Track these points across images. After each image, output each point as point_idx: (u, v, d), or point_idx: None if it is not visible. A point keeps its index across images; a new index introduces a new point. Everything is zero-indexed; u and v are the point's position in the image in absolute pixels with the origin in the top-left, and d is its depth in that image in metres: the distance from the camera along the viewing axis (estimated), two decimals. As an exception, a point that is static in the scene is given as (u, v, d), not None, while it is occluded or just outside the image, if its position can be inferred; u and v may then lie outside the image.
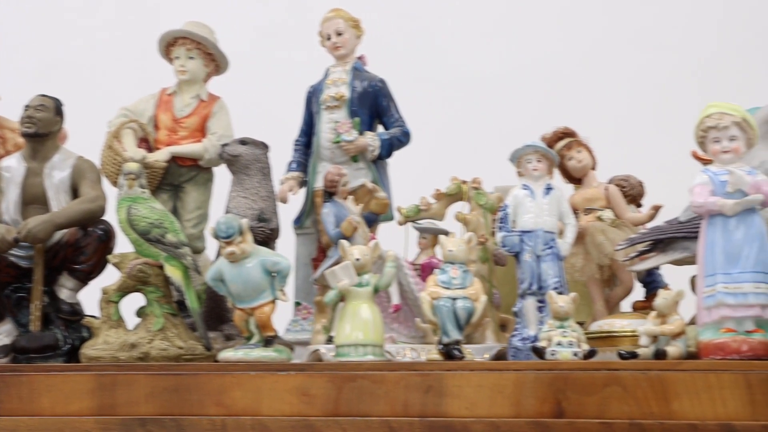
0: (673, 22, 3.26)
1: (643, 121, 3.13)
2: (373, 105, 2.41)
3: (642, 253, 2.03)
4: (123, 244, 2.22)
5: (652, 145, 2.95)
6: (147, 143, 2.43)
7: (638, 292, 2.27)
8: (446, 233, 2.11)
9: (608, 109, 3.16)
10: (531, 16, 3.39)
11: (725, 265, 1.73)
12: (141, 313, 2.17)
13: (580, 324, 2.01)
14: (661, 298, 1.83)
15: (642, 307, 2.18)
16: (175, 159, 2.41)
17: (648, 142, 3.00)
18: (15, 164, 2.31)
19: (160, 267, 2.15)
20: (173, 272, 2.15)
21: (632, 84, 3.24)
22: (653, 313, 1.84)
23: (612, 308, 2.21)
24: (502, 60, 3.36)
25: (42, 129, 2.29)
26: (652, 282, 2.26)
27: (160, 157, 2.39)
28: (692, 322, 1.88)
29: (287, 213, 2.40)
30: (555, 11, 3.39)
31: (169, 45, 2.48)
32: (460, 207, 2.28)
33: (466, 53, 3.40)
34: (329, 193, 2.22)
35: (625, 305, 2.26)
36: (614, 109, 3.18)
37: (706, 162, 1.88)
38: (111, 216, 2.22)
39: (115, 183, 2.31)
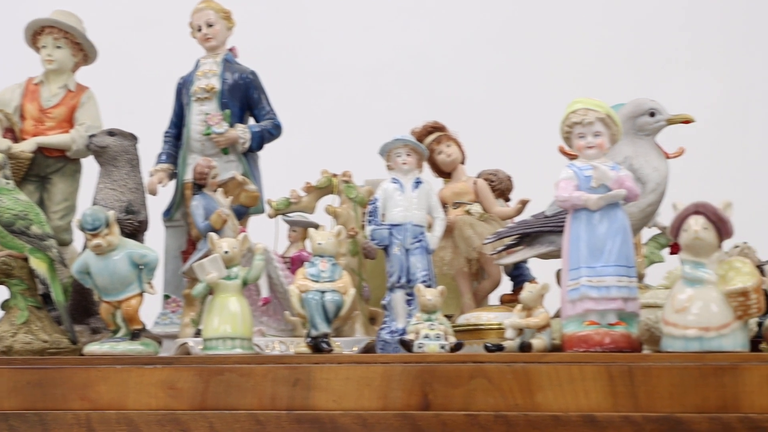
0: (541, 17, 3.30)
1: (512, 116, 3.17)
2: (244, 97, 2.40)
3: (509, 246, 2.05)
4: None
5: (521, 139, 2.99)
6: (12, 133, 2.38)
7: (506, 286, 2.29)
8: (316, 226, 2.11)
9: (478, 104, 3.19)
10: (403, 10, 3.40)
11: (589, 258, 1.76)
12: (5, 306, 2.13)
13: (449, 317, 2.03)
14: (527, 291, 1.86)
15: (509, 300, 2.21)
16: (41, 150, 2.37)
17: (517, 137, 3.03)
18: None
19: (25, 259, 2.11)
20: (38, 265, 2.11)
21: (501, 79, 3.27)
22: (519, 306, 1.87)
23: (480, 301, 2.23)
24: (374, 54, 3.36)
25: None
26: (519, 275, 2.29)
27: (25, 147, 2.35)
28: (558, 315, 1.91)
29: (156, 205, 2.38)
30: (428, 5, 3.40)
31: (36, 34, 2.43)
32: (331, 200, 2.29)
33: (337, 46, 3.40)
34: (199, 186, 2.20)
35: (493, 298, 2.29)
36: (484, 103, 3.21)
37: (572, 157, 1.91)
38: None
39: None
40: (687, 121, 1.99)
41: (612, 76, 3.09)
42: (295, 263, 2.22)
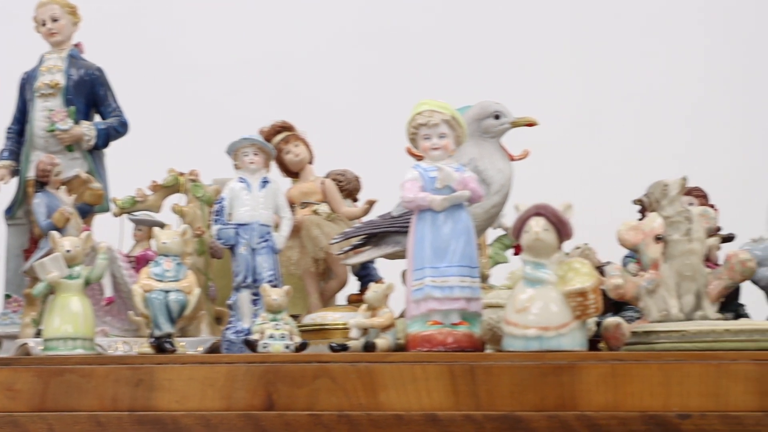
0: (397, 19, 3.32)
1: (361, 117, 3.18)
2: (90, 94, 2.36)
3: (356, 246, 2.06)
4: None
5: (369, 140, 3.00)
6: None
7: (353, 285, 2.30)
8: (162, 225, 2.08)
9: (328, 104, 3.20)
10: (261, 7, 3.39)
11: (433, 259, 1.77)
12: None
13: (295, 317, 2.03)
14: (372, 291, 1.87)
15: (356, 300, 2.22)
16: None
17: (365, 137, 3.05)
18: None
19: None
20: None
21: (354, 80, 3.28)
22: (364, 306, 1.87)
23: (327, 301, 2.24)
24: (228, 51, 3.34)
25: None
26: (366, 275, 2.30)
27: None
28: (403, 315, 1.92)
29: (-3, 203, 2.33)
30: (283, 5, 3.39)
31: None
32: (178, 199, 2.26)
33: (191, 42, 3.37)
34: (41, 183, 2.16)
35: (341, 298, 2.29)
36: (335, 103, 3.21)
37: (418, 158, 1.92)
38: None
39: None
40: (531, 124, 2.03)
41: (464, 79, 3.12)
42: (140, 262, 2.20)
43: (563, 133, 3.07)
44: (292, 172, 2.30)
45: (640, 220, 1.88)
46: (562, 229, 1.72)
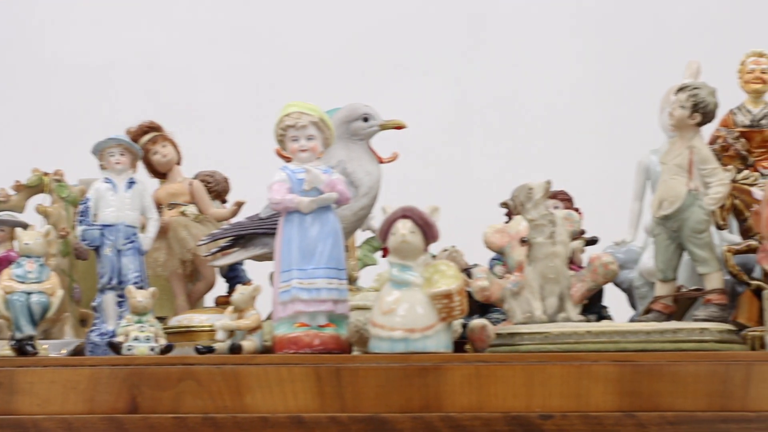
0: (269, 20, 3.31)
1: (230, 117, 3.17)
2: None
3: (224, 248, 2.05)
4: None
5: (238, 141, 2.99)
6: None
7: (221, 287, 2.29)
8: (25, 226, 2.04)
9: (197, 105, 3.18)
10: (129, 7, 3.35)
11: (300, 261, 1.77)
12: None
13: (162, 319, 2.01)
14: (239, 293, 1.86)
15: (224, 302, 2.20)
16: None
17: (233, 138, 3.04)
18: None
19: None
20: None
21: (223, 81, 3.27)
22: (230, 308, 1.86)
23: (194, 303, 2.22)
24: (93, 51, 3.30)
25: None
26: (235, 277, 2.29)
27: None
28: (270, 317, 1.91)
29: None
30: (154, 5, 3.36)
31: None
32: (42, 199, 2.22)
33: (54, 42, 3.31)
34: None
35: (209, 300, 2.28)
36: (203, 104, 3.20)
37: (288, 160, 1.92)
38: None
39: None
40: (399, 127, 2.04)
41: (334, 81, 3.13)
42: (2, 264, 2.15)
43: (432, 137, 3.09)
44: (160, 173, 2.28)
45: (507, 222, 1.90)
46: (428, 231, 1.73)
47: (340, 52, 3.25)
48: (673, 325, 1.72)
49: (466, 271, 2.07)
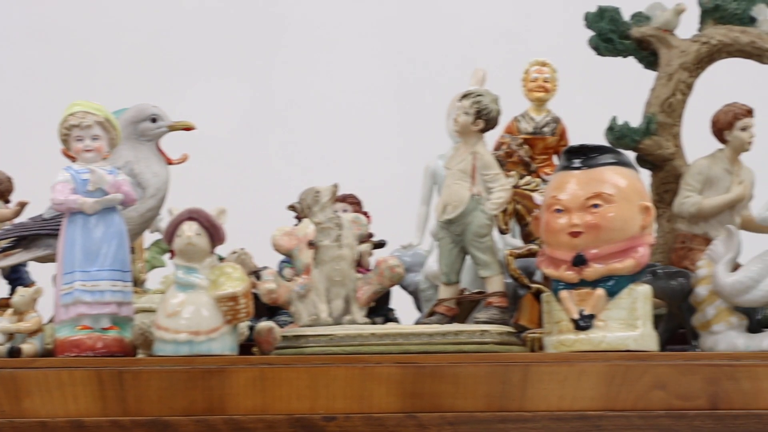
0: (87, 21, 3.25)
1: (18, 115, 3.10)
2: None
3: (6, 249, 1.99)
4: None
5: (21, 139, 2.93)
6: None
7: (4, 289, 2.23)
8: None
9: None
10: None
11: (84, 263, 1.74)
12: None
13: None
14: (19, 295, 1.82)
15: (6, 305, 2.15)
16: None
17: (17, 137, 2.97)
18: None
19: None
20: None
21: (15, 79, 3.19)
22: (10, 311, 1.82)
23: (-24, 305, 2.16)
24: None
25: None
26: (17, 279, 2.23)
27: None
28: (53, 319, 1.87)
29: None
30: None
31: None
32: None
33: None
34: None
35: (-9, 302, 2.22)
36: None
37: (73, 160, 1.88)
38: None
39: None
40: (188, 128, 2.02)
41: (126, 82, 3.09)
42: None
43: (223, 138, 3.08)
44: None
45: (296, 225, 1.91)
46: (214, 233, 1.73)
47: (137, 52, 3.21)
48: (455, 327, 1.76)
49: (255, 273, 2.07)
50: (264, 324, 1.93)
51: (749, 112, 1.99)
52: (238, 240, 2.10)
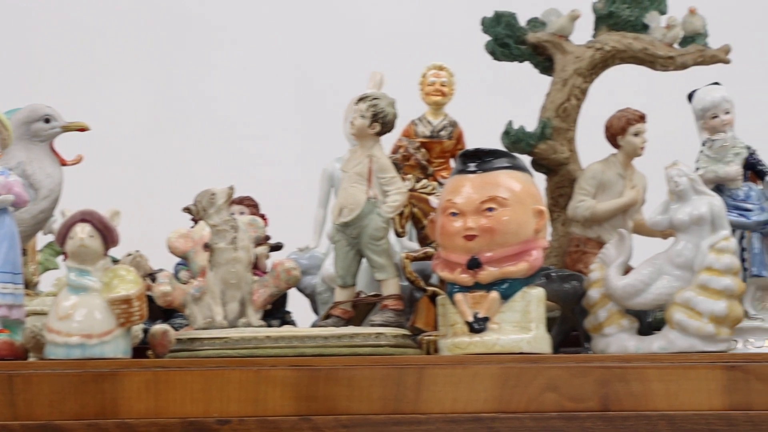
0: None
1: None
2: None
3: None
4: None
5: None
6: None
7: None
8: None
9: None
10: None
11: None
12: None
13: None
14: None
15: None
16: None
17: None
18: None
19: None
20: None
21: None
22: None
23: None
24: None
25: None
26: None
27: None
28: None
29: None
30: None
31: None
32: None
33: None
34: None
35: None
36: None
37: (-33, 160, 1.86)
38: None
39: None
40: (82, 129, 1.99)
41: (34, 82, 3.05)
42: None
43: (120, 139, 3.06)
44: None
45: (192, 228, 1.90)
46: (108, 235, 1.71)
47: (35, 50, 3.17)
48: (350, 330, 1.76)
49: (151, 275, 2.05)
50: (158, 327, 1.92)
51: (642, 118, 2.02)
52: (133, 242, 2.08)
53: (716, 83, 1.96)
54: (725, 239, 1.71)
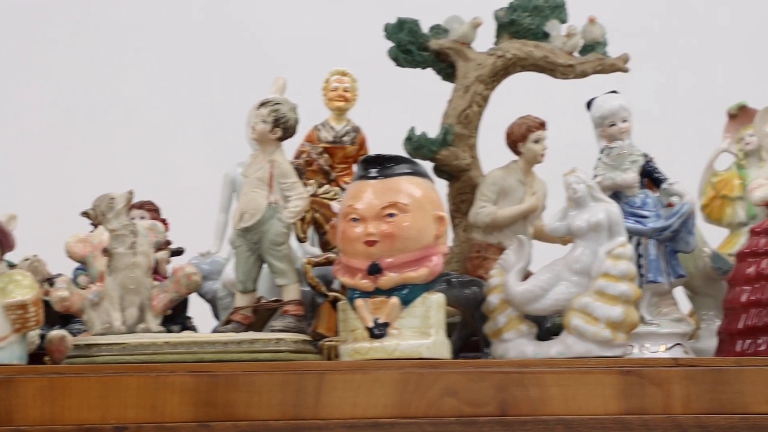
0: None
1: None
2: None
3: None
4: None
5: None
6: None
7: None
8: None
9: None
10: None
11: None
12: None
13: None
14: None
15: None
16: None
17: None
18: None
19: None
20: None
21: None
22: None
23: None
24: None
25: None
26: None
27: None
28: None
29: None
30: None
31: None
32: None
33: None
34: None
35: None
36: None
37: None
38: None
39: None
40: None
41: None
42: None
43: (19, 143, 3.02)
44: None
45: (92, 232, 1.88)
46: (4, 240, 1.70)
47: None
48: (250, 335, 1.75)
49: (49, 280, 2.03)
50: (55, 332, 1.89)
51: (542, 125, 2.04)
52: (31, 246, 2.06)
53: (614, 92, 1.98)
54: (622, 246, 1.74)
